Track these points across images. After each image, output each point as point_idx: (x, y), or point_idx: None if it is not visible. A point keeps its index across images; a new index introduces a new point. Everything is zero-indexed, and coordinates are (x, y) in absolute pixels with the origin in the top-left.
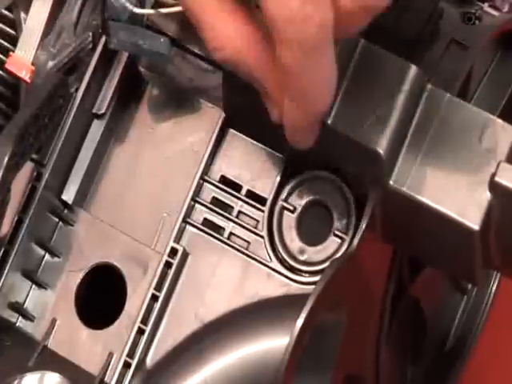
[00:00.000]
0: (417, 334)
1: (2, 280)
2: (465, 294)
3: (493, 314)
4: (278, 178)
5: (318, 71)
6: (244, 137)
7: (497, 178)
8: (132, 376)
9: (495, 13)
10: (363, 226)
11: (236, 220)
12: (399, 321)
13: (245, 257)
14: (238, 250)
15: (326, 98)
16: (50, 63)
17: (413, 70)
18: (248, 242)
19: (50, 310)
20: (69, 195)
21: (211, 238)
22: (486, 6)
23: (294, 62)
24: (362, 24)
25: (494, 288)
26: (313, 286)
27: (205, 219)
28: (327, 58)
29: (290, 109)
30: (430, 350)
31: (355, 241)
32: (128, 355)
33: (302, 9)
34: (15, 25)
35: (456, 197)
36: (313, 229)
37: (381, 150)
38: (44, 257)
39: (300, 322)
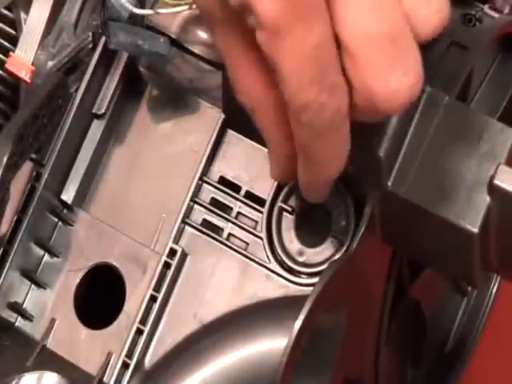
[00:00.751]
0: (417, 336)
1: (1, 280)
2: (465, 296)
3: (493, 315)
4: None
5: (331, 148)
6: (243, 138)
7: (496, 181)
8: (131, 376)
9: (496, 14)
10: (362, 228)
11: (235, 221)
12: (399, 322)
13: (243, 258)
14: (236, 251)
15: (337, 167)
16: (50, 63)
17: None
18: (247, 243)
19: (49, 309)
20: (68, 195)
21: (210, 239)
22: (486, 8)
23: (306, 141)
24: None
25: (495, 290)
26: (311, 288)
27: (204, 220)
28: (341, 136)
29: (302, 172)
30: (430, 351)
31: (354, 243)
32: (127, 355)
33: (318, 97)
34: (15, 25)
35: (455, 199)
36: (312, 230)
37: (380, 153)
38: (43, 257)
39: (298, 323)
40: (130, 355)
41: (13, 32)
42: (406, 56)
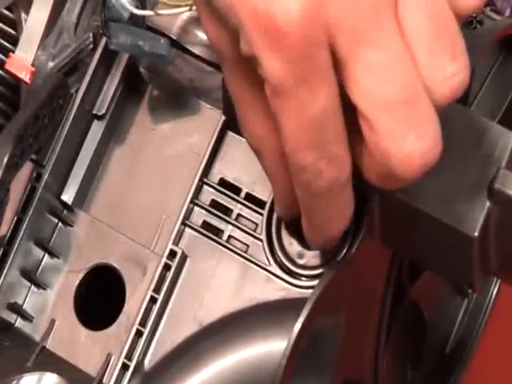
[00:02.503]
0: (417, 337)
1: (1, 280)
2: (465, 297)
3: (493, 317)
4: None
5: (330, 211)
6: (243, 140)
7: (496, 185)
8: (130, 378)
9: (497, 17)
10: (362, 230)
11: (235, 223)
12: (399, 324)
13: (243, 260)
14: (236, 253)
15: (338, 228)
16: (51, 64)
17: None
18: (247, 245)
19: (49, 310)
20: (68, 196)
21: (210, 241)
22: (487, 10)
23: (305, 199)
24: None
25: (495, 291)
26: (311, 290)
27: (204, 222)
28: (340, 201)
29: (304, 226)
30: (429, 353)
31: (354, 245)
32: (126, 357)
33: (315, 163)
34: (16, 25)
35: (454, 203)
36: None
37: None
38: (43, 257)
39: (298, 326)
40: (129, 356)
41: (13, 32)
42: (420, 120)
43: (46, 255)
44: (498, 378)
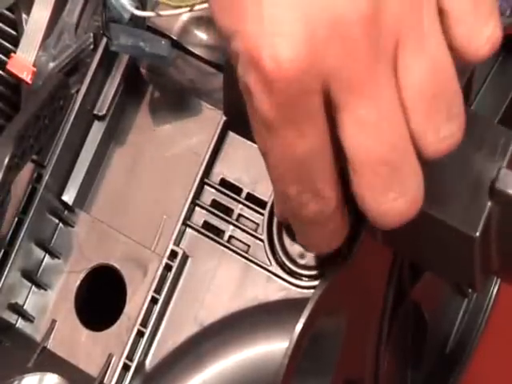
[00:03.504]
0: (417, 338)
1: (2, 281)
2: (465, 297)
3: (493, 316)
4: None
5: (317, 236)
6: (244, 140)
7: (497, 185)
8: (131, 378)
9: None
10: (363, 231)
11: (236, 223)
12: (399, 324)
13: (244, 260)
14: (237, 254)
15: (328, 248)
16: (51, 64)
17: None
18: (248, 246)
19: (50, 311)
20: (69, 196)
21: (211, 241)
22: None
23: (293, 222)
24: None
25: (495, 291)
26: (312, 290)
27: (205, 222)
28: (327, 229)
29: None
30: (430, 353)
31: (355, 245)
32: (127, 357)
33: (298, 197)
34: (16, 26)
35: (455, 203)
36: None
37: None
38: (44, 258)
39: (299, 326)
40: (130, 357)
41: (14, 33)
42: (402, 180)
43: (47, 256)
44: (497, 377)
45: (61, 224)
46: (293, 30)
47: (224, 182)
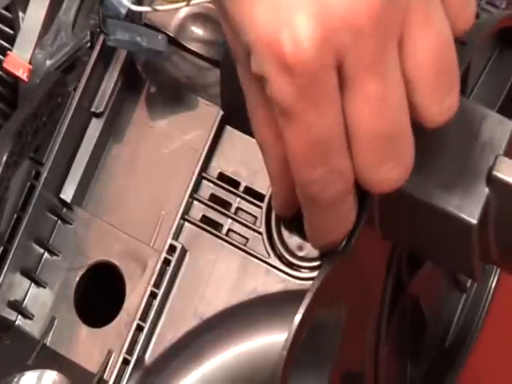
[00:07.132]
0: (416, 332)
1: (1, 278)
2: (464, 292)
3: (492, 310)
4: None
5: (332, 221)
6: (242, 134)
7: (494, 172)
8: (131, 373)
9: (493, 9)
10: (361, 221)
11: (234, 216)
12: (398, 318)
13: (243, 253)
14: (236, 247)
15: (339, 235)
16: (48, 62)
17: None
18: (246, 239)
19: (49, 308)
20: (67, 194)
21: (209, 235)
22: (483, 3)
23: (308, 210)
24: None
25: (494, 285)
26: (311, 282)
27: (203, 216)
28: (343, 211)
29: (307, 232)
30: (429, 347)
31: (353, 237)
32: (127, 352)
33: (321, 178)
34: (13, 24)
35: (454, 191)
36: None
37: None
38: (43, 255)
39: (298, 317)
40: (130, 352)
41: (10, 31)
42: (398, 152)
43: (46, 253)
44: (497, 371)
45: (59, 221)
46: (309, 10)
47: (222, 176)
